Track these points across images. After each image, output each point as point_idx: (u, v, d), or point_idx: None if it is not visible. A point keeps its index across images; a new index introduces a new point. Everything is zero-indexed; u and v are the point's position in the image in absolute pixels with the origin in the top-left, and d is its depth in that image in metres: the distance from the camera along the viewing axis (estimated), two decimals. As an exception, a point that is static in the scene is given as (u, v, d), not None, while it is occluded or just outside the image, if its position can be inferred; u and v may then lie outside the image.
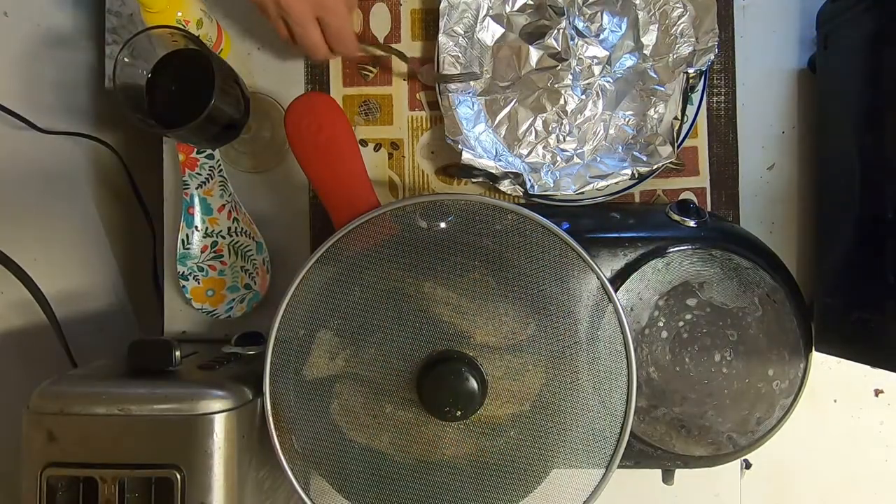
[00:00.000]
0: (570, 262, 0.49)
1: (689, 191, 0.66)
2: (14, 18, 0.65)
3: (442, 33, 0.63)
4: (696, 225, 0.56)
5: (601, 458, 0.49)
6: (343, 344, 0.54)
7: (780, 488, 0.66)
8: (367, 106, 0.67)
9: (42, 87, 0.69)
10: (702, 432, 0.54)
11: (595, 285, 0.49)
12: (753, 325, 0.54)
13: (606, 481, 0.49)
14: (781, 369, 0.54)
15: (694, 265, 0.54)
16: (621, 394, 0.49)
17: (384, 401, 0.53)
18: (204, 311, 0.65)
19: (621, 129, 0.64)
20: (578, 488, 0.50)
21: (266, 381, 0.50)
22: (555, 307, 0.49)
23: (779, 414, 0.54)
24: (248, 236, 0.65)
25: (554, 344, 0.49)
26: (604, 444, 0.49)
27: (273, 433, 0.50)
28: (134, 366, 0.51)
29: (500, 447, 0.55)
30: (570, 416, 0.49)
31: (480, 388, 0.48)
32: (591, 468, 0.49)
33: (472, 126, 0.63)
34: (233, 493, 0.47)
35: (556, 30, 0.63)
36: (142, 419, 0.46)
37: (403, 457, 0.54)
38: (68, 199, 0.72)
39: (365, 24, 0.67)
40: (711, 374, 0.54)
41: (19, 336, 0.66)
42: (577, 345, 0.49)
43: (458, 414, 0.48)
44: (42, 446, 0.46)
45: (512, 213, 0.49)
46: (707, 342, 0.54)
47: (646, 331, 0.54)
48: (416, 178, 0.67)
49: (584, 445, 0.50)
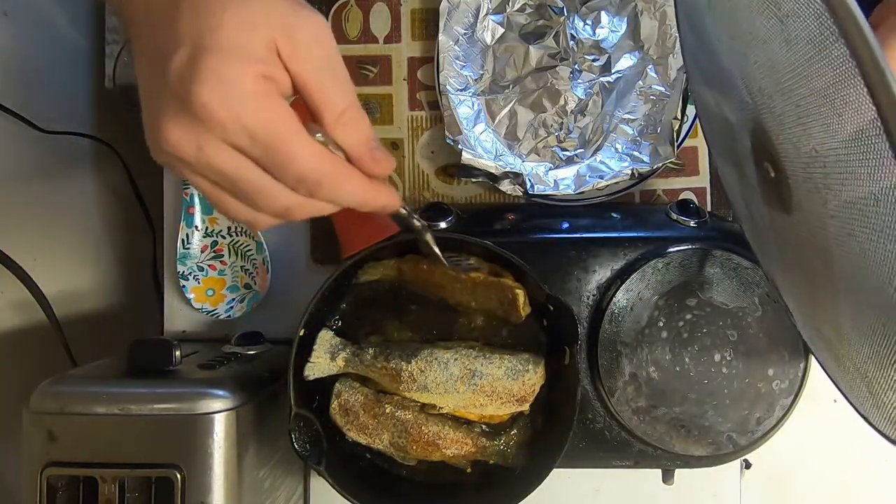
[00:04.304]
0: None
1: (689, 191, 0.66)
2: (14, 18, 0.65)
3: (442, 33, 0.63)
4: (696, 225, 0.56)
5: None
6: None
7: (780, 488, 0.66)
8: (367, 106, 0.67)
9: (42, 87, 0.69)
10: (702, 432, 0.54)
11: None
12: (753, 325, 0.54)
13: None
14: (781, 369, 0.54)
15: (694, 265, 0.54)
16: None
17: (384, 401, 0.53)
18: (204, 311, 0.65)
19: (621, 129, 0.64)
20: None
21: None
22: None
23: (779, 414, 0.54)
24: (248, 236, 0.65)
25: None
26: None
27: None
28: (134, 366, 0.51)
29: (500, 447, 0.55)
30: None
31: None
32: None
33: (472, 126, 0.63)
34: (233, 493, 0.47)
35: (556, 30, 0.63)
36: (142, 419, 0.46)
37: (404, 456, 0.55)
38: (68, 199, 0.72)
39: (365, 24, 0.67)
40: (711, 374, 0.54)
41: (19, 336, 0.66)
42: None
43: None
44: (42, 446, 0.46)
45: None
46: (707, 342, 0.54)
47: (646, 331, 0.54)
48: (416, 177, 0.67)
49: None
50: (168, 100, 0.33)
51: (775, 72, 0.31)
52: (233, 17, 0.33)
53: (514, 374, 0.52)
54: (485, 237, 0.53)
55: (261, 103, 0.33)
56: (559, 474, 0.51)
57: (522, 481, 0.52)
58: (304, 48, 0.34)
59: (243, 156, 0.34)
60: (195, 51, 0.32)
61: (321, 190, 0.35)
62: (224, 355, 0.57)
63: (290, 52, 0.34)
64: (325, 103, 0.36)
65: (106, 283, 0.77)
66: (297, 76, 0.34)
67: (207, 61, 0.32)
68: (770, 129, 0.34)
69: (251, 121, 0.33)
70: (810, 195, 0.32)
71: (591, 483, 0.66)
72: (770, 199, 0.37)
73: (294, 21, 0.34)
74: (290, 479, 0.61)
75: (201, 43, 0.32)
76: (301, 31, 0.34)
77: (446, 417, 0.54)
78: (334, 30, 0.66)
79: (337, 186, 0.36)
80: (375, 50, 0.67)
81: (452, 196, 0.67)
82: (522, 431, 0.55)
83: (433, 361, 0.51)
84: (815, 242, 0.34)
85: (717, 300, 0.54)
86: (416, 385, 0.51)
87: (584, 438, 0.56)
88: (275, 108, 0.33)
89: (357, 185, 0.37)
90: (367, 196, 0.37)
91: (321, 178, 0.35)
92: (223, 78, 0.32)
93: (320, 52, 0.35)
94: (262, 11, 0.34)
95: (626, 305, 0.54)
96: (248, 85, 0.33)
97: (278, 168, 0.34)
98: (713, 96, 0.42)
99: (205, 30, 0.32)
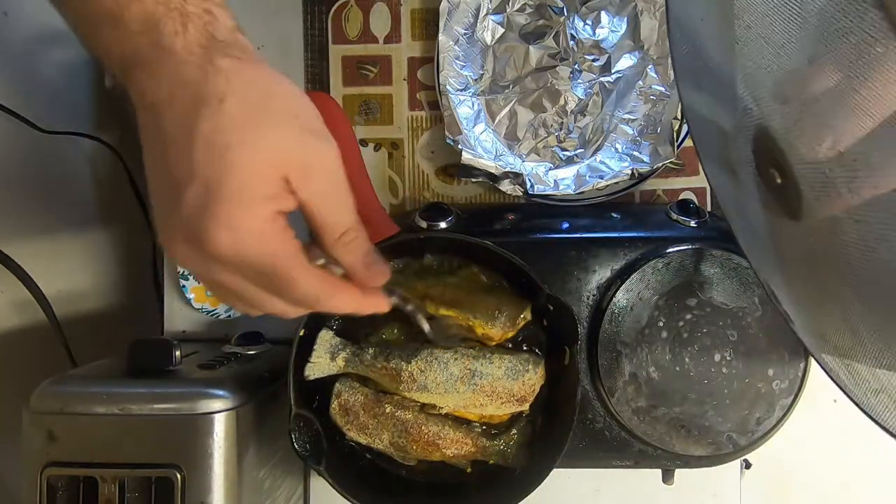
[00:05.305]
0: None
1: (689, 191, 0.66)
2: (14, 18, 0.65)
3: (442, 33, 0.63)
4: (696, 225, 0.56)
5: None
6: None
7: (780, 488, 0.66)
8: (367, 106, 0.67)
9: (42, 87, 0.69)
10: (702, 432, 0.54)
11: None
12: (753, 325, 0.54)
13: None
14: (781, 369, 0.54)
15: (694, 265, 0.54)
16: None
17: (384, 401, 0.53)
18: (204, 311, 0.65)
19: (621, 129, 0.64)
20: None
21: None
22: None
23: (779, 414, 0.54)
24: (248, 236, 0.65)
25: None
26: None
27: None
28: (134, 366, 0.51)
29: (500, 447, 0.55)
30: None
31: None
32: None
33: (472, 126, 0.63)
34: (233, 493, 0.47)
35: (556, 30, 0.63)
36: (142, 419, 0.46)
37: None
38: (68, 199, 0.72)
39: (365, 24, 0.67)
40: (711, 374, 0.54)
41: (19, 336, 0.66)
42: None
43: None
44: (42, 446, 0.46)
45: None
46: (707, 342, 0.54)
47: (646, 331, 0.54)
48: (416, 177, 0.67)
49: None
50: (179, 224, 0.34)
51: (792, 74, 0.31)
52: (246, 159, 0.34)
53: (514, 374, 0.52)
54: (485, 237, 0.53)
55: (267, 242, 0.35)
56: (559, 474, 0.51)
57: (522, 481, 0.52)
58: (314, 181, 0.36)
59: (245, 279, 0.36)
60: (209, 192, 0.33)
61: (318, 306, 0.38)
62: (224, 355, 0.57)
63: (299, 184, 0.35)
64: (327, 226, 0.38)
65: (106, 283, 0.77)
66: (304, 203, 0.36)
67: (220, 207, 0.33)
68: (779, 135, 0.34)
69: (257, 258, 0.35)
70: (829, 200, 0.32)
71: (591, 483, 0.66)
72: (773, 205, 0.37)
73: (306, 155, 0.36)
74: (290, 479, 0.61)
75: (215, 185, 0.33)
76: (312, 166, 0.36)
77: (446, 417, 0.54)
78: (334, 30, 0.66)
79: (333, 303, 0.39)
80: (375, 50, 0.67)
81: (452, 196, 0.67)
82: (522, 431, 0.55)
83: (433, 361, 0.52)
84: (828, 248, 0.34)
85: (717, 300, 0.54)
86: (416, 385, 0.51)
87: (584, 438, 0.56)
88: (280, 244, 0.36)
89: (351, 299, 0.40)
90: (359, 308, 0.41)
91: (319, 297, 0.38)
92: (234, 224, 0.34)
93: (328, 182, 0.37)
94: (275, 147, 0.35)
95: (626, 305, 0.54)
96: (257, 227, 0.34)
97: (279, 292, 0.37)
98: (706, 102, 0.42)
99: (219, 170, 0.33)
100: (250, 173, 0.34)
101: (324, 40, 0.67)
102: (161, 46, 0.34)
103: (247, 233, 0.34)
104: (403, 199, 0.67)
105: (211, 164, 0.33)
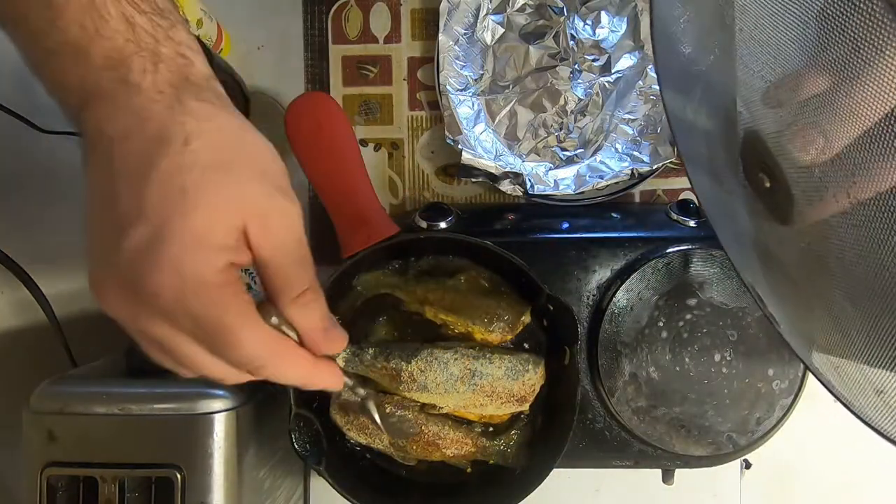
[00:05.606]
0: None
1: (689, 191, 0.66)
2: (14, 18, 0.65)
3: (442, 33, 0.63)
4: (696, 225, 0.56)
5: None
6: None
7: (780, 488, 0.66)
8: (367, 106, 0.67)
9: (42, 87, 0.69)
10: (702, 432, 0.54)
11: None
12: (753, 325, 0.54)
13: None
14: (781, 369, 0.54)
15: (694, 265, 0.54)
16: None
17: (384, 401, 0.53)
18: (204, 311, 0.65)
19: (621, 129, 0.64)
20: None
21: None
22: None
23: (779, 414, 0.54)
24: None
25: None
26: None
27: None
28: (134, 365, 0.51)
29: (500, 447, 0.55)
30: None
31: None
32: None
33: (472, 126, 0.63)
34: (233, 493, 0.47)
35: (556, 30, 0.63)
36: (142, 419, 0.46)
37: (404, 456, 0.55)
38: (68, 199, 0.72)
39: (365, 24, 0.67)
40: (711, 374, 0.54)
41: (19, 336, 0.66)
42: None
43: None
44: (42, 446, 0.46)
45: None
46: (707, 342, 0.54)
47: (646, 331, 0.54)
48: (416, 177, 0.67)
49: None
50: (117, 266, 0.31)
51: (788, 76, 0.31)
52: (204, 203, 0.31)
53: (514, 374, 0.52)
54: (485, 237, 0.53)
55: (215, 293, 0.32)
56: (559, 474, 0.51)
57: (522, 481, 0.52)
58: (273, 236, 0.33)
59: (182, 333, 0.32)
60: (158, 235, 0.30)
61: (263, 371, 0.35)
62: (224, 355, 0.57)
63: (258, 240, 0.33)
64: (284, 287, 0.35)
65: (106, 283, 0.77)
66: (261, 259, 0.34)
67: (169, 250, 0.30)
68: (770, 139, 0.34)
69: (201, 309, 0.31)
70: (822, 203, 0.32)
71: (591, 483, 0.66)
72: (761, 210, 0.37)
73: (267, 209, 0.33)
74: (290, 479, 0.61)
75: (166, 228, 0.30)
76: (272, 220, 0.33)
77: (446, 417, 0.54)
78: (334, 30, 0.67)
79: (280, 369, 0.35)
80: (375, 50, 0.67)
81: (452, 196, 0.67)
82: (522, 431, 0.55)
83: (433, 361, 0.51)
84: (820, 251, 0.34)
85: (716, 300, 0.54)
86: (416, 385, 0.51)
87: (584, 438, 0.56)
88: (231, 297, 0.32)
89: (300, 367, 0.36)
90: (309, 378, 0.37)
91: (265, 362, 0.34)
92: (182, 270, 0.30)
93: (287, 239, 0.34)
94: (239, 196, 0.32)
95: (626, 305, 0.54)
96: (207, 277, 0.31)
97: (220, 350, 0.33)
98: (691, 107, 0.42)
99: (173, 213, 0.30)
100: (207, 218, 0.31)
101: (324, 40, 0.67)
102: (127, 82, 0.32)
103: (194, 280, 0.31)
104: (403, 199, 0.67)
105: (164, 204, 0.30)
